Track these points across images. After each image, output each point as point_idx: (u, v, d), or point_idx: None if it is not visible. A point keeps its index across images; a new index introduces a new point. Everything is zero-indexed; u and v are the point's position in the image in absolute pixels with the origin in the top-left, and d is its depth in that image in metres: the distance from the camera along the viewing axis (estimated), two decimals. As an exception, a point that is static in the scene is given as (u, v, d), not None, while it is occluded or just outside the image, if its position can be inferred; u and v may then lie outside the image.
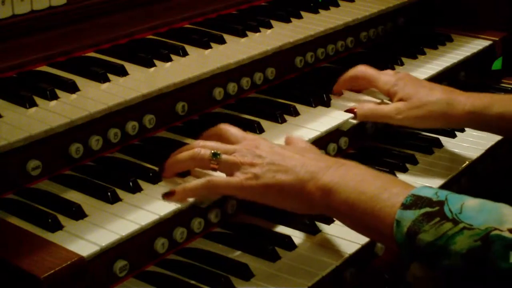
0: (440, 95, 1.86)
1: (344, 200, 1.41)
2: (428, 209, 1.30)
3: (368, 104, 1.92)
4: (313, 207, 1.47)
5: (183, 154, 1.55)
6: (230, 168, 1.51)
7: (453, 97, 1.86)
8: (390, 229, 1.33)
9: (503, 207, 1.28)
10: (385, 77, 1.94)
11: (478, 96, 1.87)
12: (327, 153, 1.89)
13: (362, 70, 1.97)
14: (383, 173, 1.47)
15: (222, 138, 1.59)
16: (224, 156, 1.51)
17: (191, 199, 1.50)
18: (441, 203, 1.30)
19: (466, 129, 2.11)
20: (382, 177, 1.44)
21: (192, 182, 1.51)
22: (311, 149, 1.60)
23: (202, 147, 1.54)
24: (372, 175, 1.44)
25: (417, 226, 1.29)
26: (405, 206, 1.32)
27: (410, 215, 1.31)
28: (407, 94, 1.87)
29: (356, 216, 1.41)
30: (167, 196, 1.49)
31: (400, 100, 1.89)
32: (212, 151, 1.51)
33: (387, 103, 1.93)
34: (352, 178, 1.43)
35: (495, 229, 1.23)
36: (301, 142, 1.64)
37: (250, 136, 1.59)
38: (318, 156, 1.52)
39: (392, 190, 1.38)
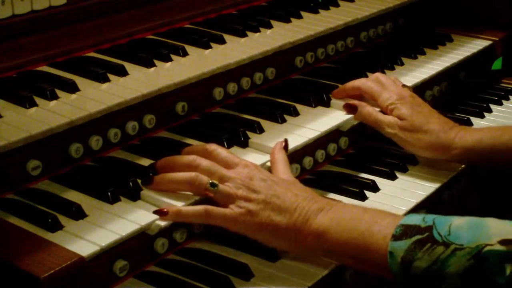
0: (433, 127, 1.85)
1: (336, 240, 1.44)
2: (418, 237, 1.33)
3: (369, 107, 1.91)
4: (305, 250, 1.49)
5: (179, 176, 1.52)
6: (226, 199, 1.50)
7: (444, 130, 1.84)
8: (385, 261, 1.36)
9: (489, 221, 1.31)
10: (387, 93, 1.92)
11: (468, 132, 1.85)
12: (327, 154, 1.89)
13: (367, 84, 1.95)
14: (370, 208, 1.49)
15: (212, 159, 1.56)
16: (221, 186, 1.50)
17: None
18: (429, 228, 1.33)
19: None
20: (370, 212, 1.47)
21: (188, 208, 1.49)
22: (296, 182, 1.58)
23: (196, 167, 1.52)
24: (360, 211, 1.47)
25: (410, 255, 1.32)
26: (396, 237, 1.36)
27: (402, 245, 1.34)
28: (403, 114, 1.87)
29: (350, 253, 1.43)
30: (159, 213, 1.46)
31: (396, 117, 1.88)
32: (210, 181, 1.50)
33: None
34: (342, 217, 1.46)
35: (486, 245, 1.26)
36: (282, 171, 1.61)
37: (241, 161, 1.57)
38: (309, 196, 1.51)
39: (382, 223, 1.41)
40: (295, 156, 1.77)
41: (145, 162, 1.62)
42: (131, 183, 1.52)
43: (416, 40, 2.41)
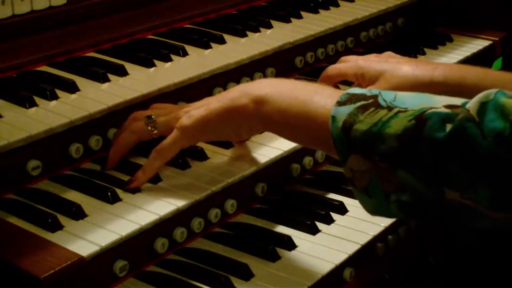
0: (406, 68, 1.78)
1: (276, 108, 1.42)
2: (363, 102, 1.29)
3: None
4: (248, 122, 1.47)
5: (122, 134, 1.59)
6: (169, 126, 1.54)
7: (421, 69, 1.77)
8: (324, 129, 1.31)
9: (435, 95, 1.27)
10: (351, 63, 1.88)
11: (448, 67, 1.79)
12: (327, 154, 1.89)
13: (330, 68, 1.91)
14: (315, 83, 1.47)
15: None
16: (160, 118, 1.56)
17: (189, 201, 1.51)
18: (375, 96, 1.30)
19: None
20: (313, 84, 1.45)
21: (146, 162, 1.55)
22: None
23: (136, 118, 1.59)
24: (303, 83, 1.45)
25: (352, 119, 1.28)
26: (340, 103, 1.31)
27: (345, 110, 1.29)
28: (374, 75, 1.81)
29: (289, 122, 1.41)
30: (130, 184, 1.52)
31: (369, 83, 1.82)
32: (146, 116, 1.56)
33: None
34: (284, 86, 1.44)
35: (431, 108, 1.22)
36: None
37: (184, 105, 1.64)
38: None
39: (324, 93, 1.37)
40: (295, 156, 1.77)
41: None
42: (131, 183, 1.52)
43: (416, 40, 2.41)
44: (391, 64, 1.80)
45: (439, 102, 1.23)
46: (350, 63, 1.88)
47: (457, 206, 1.20)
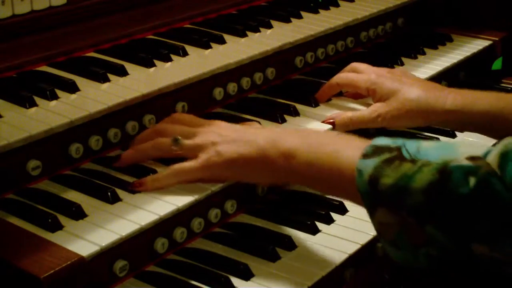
0: (419, 92, 1.81)
1: (304, 161, 1.43)
2: (387, 155, 1.30)
3: (347, 113, 1.87)
4: (276, 174, 1.48)
5: (145, 145, 1.58)
6: (194, 151, 1.52)
7: (433, 94, 1.80)
8: (351, 182, 1.32)
9: (458, 144, 1.30)
10: (364, 76, 1.90)
11: (460, 93, 1.80)
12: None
13: (342, 76, 1.94)
14: (342, 133, 1.48)
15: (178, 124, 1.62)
16: (186, 141, 1.53)
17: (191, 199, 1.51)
18: (398, 148, 1.31)
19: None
20: (340, 136, 1.47)
21: (160, 173, 1.54)
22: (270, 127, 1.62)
23: (164, 132, 1.58)
24: (330, 135, 1.47)
25: (378, 172, 1.28)
26: (365, 156, 1.32)
27: (371, 163, 1.30)
28: (386, 93, 1.84)
29: (317, 175, 1.42)
30: (135, 186, 1.52)
31: (379, 100, 1.85)
32: (173, 138, 1.54)
33: (364, 108, 1.89)
34: (312, 139, 1.45)
35: (453, 160, 1.23)
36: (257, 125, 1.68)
37: (207, 120, 1.62)
38: (276, 128, 1.54)
39: (351, 144, 1.39)
40: (295, 156, 1.76)
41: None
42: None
43: (416, 40, 2.41)
44: (405, 86, 1.82)
45: (461, 154, 1.24)
46: (364, 76, 1.89)
47: (485, 259, 1.21)
